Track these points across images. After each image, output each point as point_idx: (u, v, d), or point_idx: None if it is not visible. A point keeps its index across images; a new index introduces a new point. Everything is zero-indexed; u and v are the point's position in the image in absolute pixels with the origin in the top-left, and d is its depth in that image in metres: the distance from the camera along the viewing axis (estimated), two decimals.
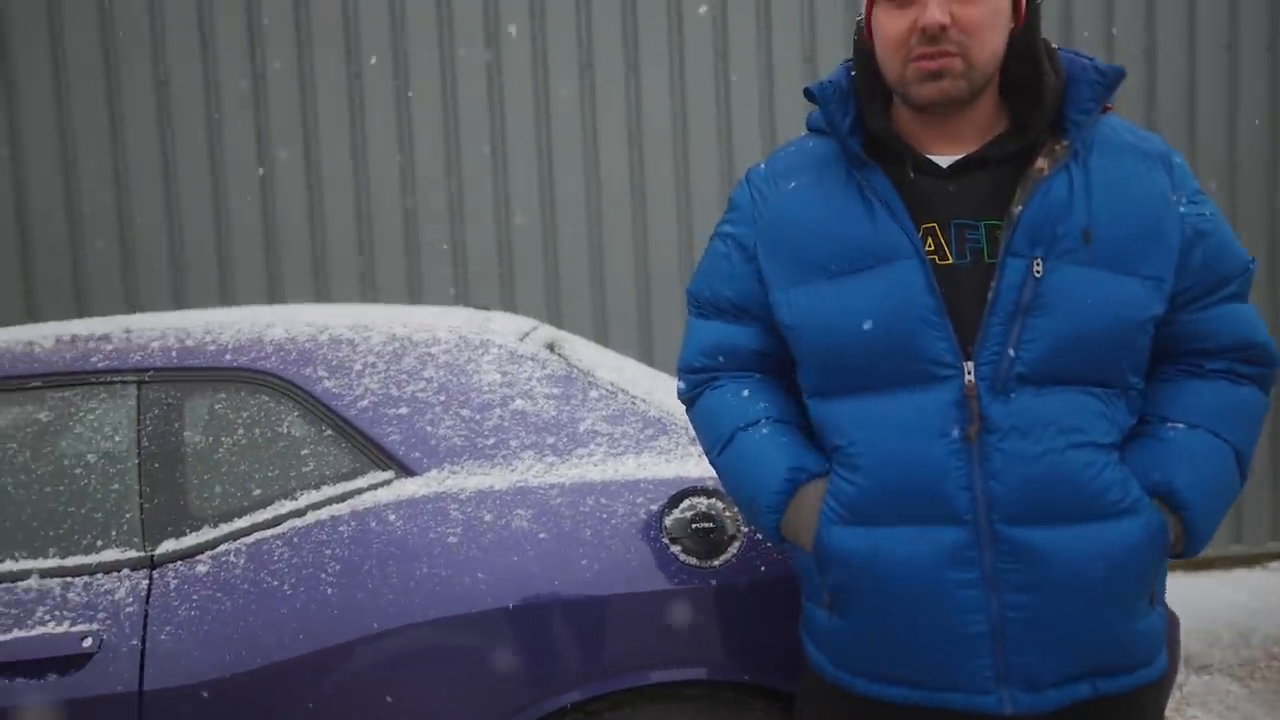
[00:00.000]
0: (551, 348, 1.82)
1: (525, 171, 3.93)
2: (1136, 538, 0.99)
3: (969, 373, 0.98)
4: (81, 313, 3.75)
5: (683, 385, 1.24)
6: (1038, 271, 0.97)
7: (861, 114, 1.08)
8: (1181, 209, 1.03)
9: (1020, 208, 0.99)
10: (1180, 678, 2.90)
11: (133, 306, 3.78)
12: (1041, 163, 1.01)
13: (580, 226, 3.95)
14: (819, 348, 1.06)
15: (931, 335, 0.99)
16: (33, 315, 3.74)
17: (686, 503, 1.49)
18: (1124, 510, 0.99)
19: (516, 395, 1.62)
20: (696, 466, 1.55)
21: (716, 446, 1.17)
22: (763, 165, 1.17)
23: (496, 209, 3.92)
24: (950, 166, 1.05)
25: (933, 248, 1.01)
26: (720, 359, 1.18)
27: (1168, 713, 2.67)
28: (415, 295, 3.92)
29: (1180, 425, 1.05)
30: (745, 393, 1.16)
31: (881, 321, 1.00)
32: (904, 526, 1.00)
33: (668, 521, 1.48)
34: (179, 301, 3.82)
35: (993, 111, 1.07)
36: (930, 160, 1.05)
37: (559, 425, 1.60)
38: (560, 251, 3.95)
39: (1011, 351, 0.97)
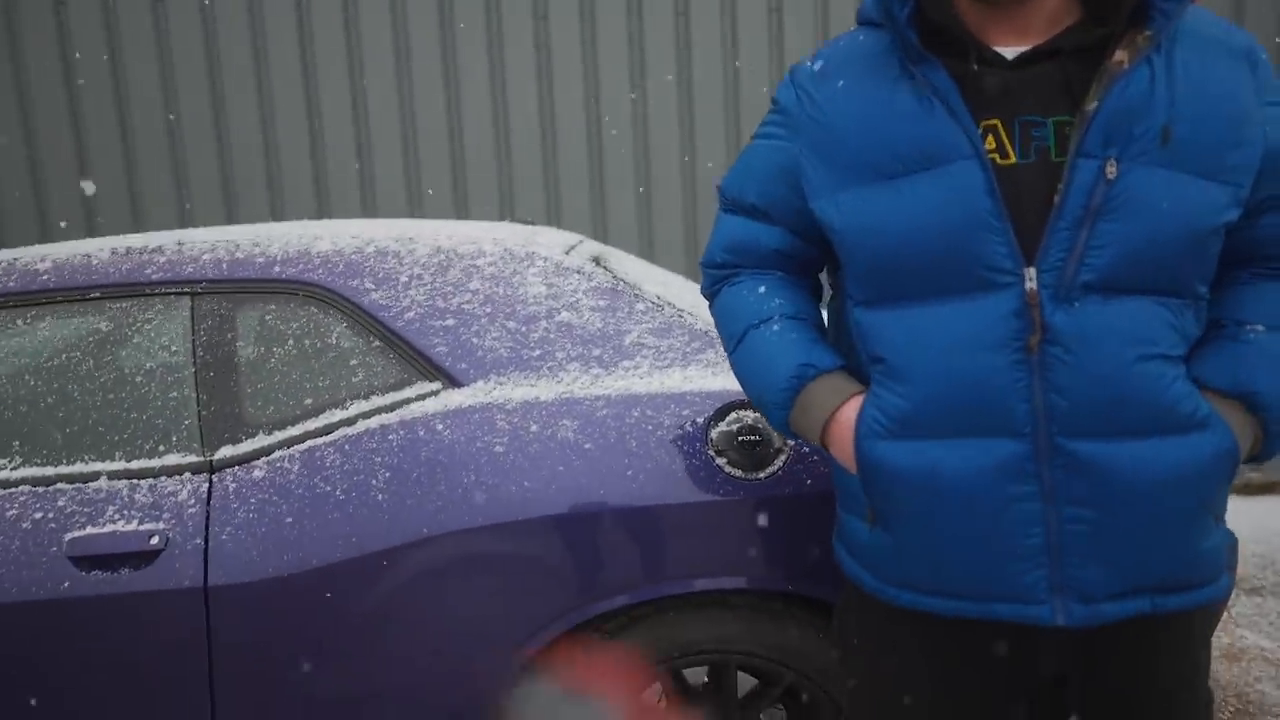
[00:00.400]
0: (597, 261, 1.80)
1: (570, 84, 3.84)
2: (1207, 453, 0.95)
3: (1030, 279, 0.93)
4: (139, 229, 3.83)
5: (705, 281, 1.22)
6: (1110, 174, 0.91)
7: (920, 5, 1.00)
8: (1266, 110, 0.96)
9: (1095, 104, 0.91)
10: (1230, 599, 2.87)
11: (186, 223, 3.84)
12: (1120, 55, 0.92)
13: (626, 141, 3.88)
14: (868, 253, 1.01)
15: (990, 240, 0.93)
16: (93, 231, 3.83)
17: (733, 415, 1.49)
18: (1194, 425, 0.95)
19: (562, 307, 1.61)
20: None
21: (731, 343, 1.16)
22: (809, 62, 1.10)
23: (542, 124, 3.85)
24: (1016, 58, 0.97)
25: (993, 145, 0.95)
26: (742, 256, 1.16)
27: (1216, 631, 2.65)
28: (461, 212, 3.91)
29: (1260, 328, 0.99)
30: (762, 289, 1.14)
31: (936, 226, 0.95)
32: (956, 439, 0.97)
33: (713, 434, 1.48)
34: (231, 219, 3.87)
35: (1064, 0, 0.99)
36: (994, 52, 0.98)
37: (605, 337, 1.59)
38: (606, 168, 3.89)
39: (1078, 258, 0.92)
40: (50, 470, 1.54)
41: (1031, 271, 0.93)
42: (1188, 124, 0.92)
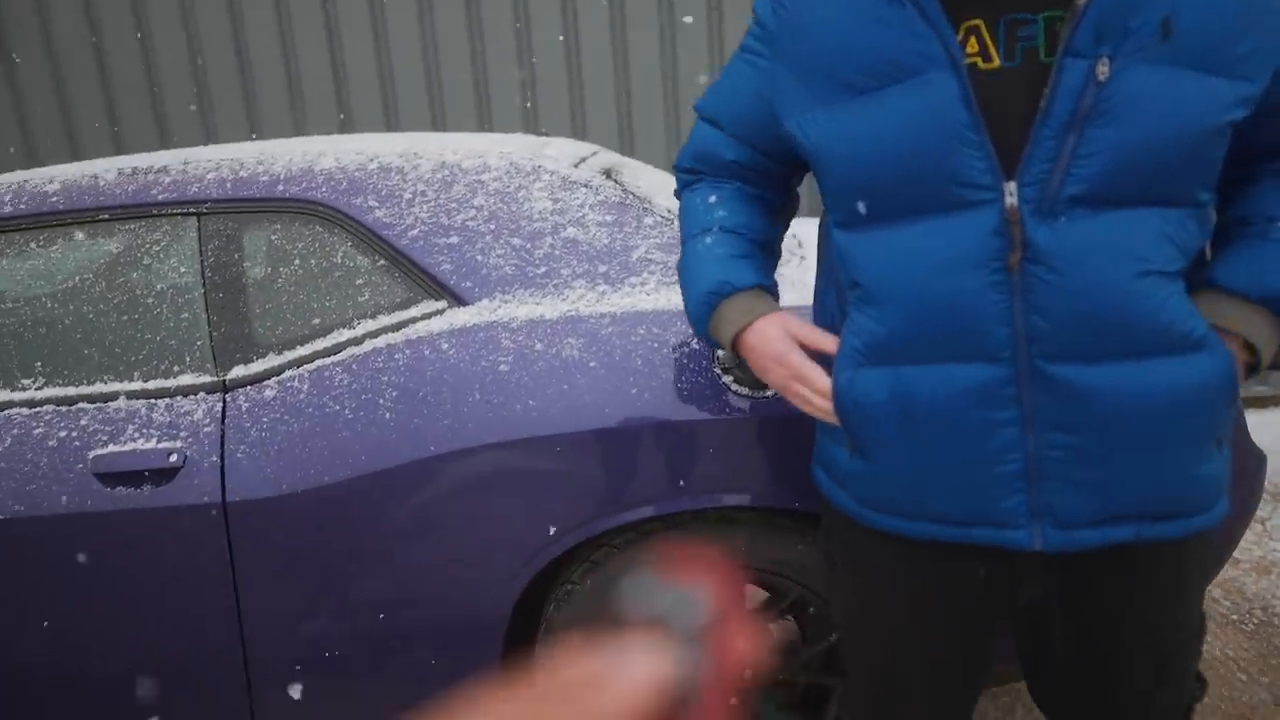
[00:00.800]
0: (609, 174, 1.76)
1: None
2: (1206, 375, 0.89)
3: (1010, 194, 0.86)
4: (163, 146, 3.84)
5: (677, 184, 1.22)
6: (1102, 74, 0.82)
7: None
8: None
9: None
10: (1265, 512, 2.82)
11: (210, 138, 3.84)
12: None
13: (654, 52, 3.74)
14: (842, 174, 0.95)
15: (966, 155, 0.86)
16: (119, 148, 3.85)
17: None
18: (1192, 345, 0.88)
19: (568, 223, 1.58)
20: None
21: (680, 250, 1.16)
22: None
23: (566, 36, 3.73)
24: None
25: (976, 49, 0.87)
26: (705, 164, 1.15)
27: (1247, 543, 2.61)
28: (485, 126, 3.84)
29: None
30: (712, 198, 1.12)
31: (909, 143, 0.88)
32: (935, 364, 0.93)
33: (720, 352, 1.46)
34: (254, 134, 3.85)
35: None
36: None
37: (611, 253, 1.56)
38: (633, 79, 3.76)
39: (1064, 168, 0.84)
40: (72, 390, 1.58)
41: (1012, 186, 0.86)
42: (1192, 15, 0.83)
